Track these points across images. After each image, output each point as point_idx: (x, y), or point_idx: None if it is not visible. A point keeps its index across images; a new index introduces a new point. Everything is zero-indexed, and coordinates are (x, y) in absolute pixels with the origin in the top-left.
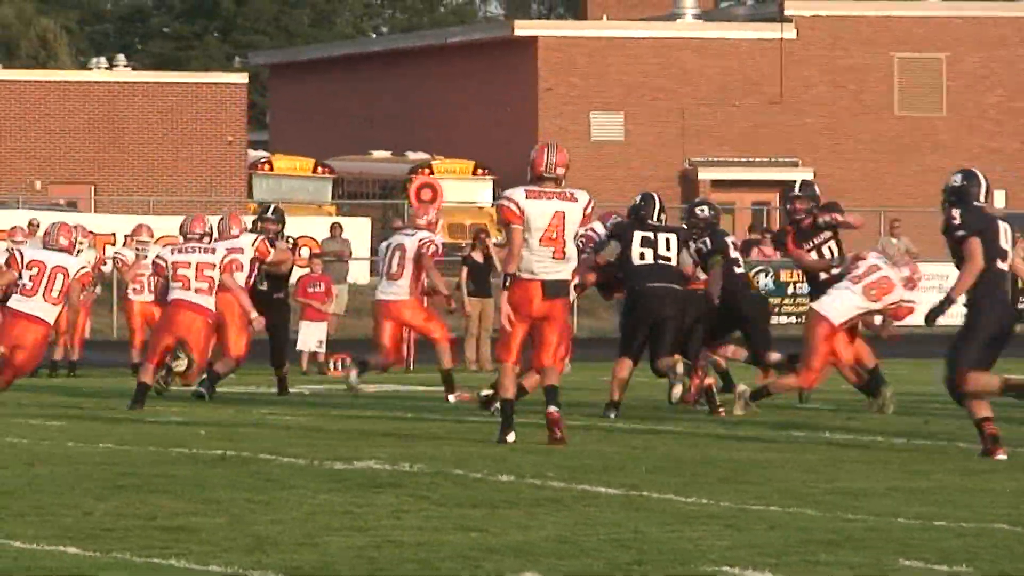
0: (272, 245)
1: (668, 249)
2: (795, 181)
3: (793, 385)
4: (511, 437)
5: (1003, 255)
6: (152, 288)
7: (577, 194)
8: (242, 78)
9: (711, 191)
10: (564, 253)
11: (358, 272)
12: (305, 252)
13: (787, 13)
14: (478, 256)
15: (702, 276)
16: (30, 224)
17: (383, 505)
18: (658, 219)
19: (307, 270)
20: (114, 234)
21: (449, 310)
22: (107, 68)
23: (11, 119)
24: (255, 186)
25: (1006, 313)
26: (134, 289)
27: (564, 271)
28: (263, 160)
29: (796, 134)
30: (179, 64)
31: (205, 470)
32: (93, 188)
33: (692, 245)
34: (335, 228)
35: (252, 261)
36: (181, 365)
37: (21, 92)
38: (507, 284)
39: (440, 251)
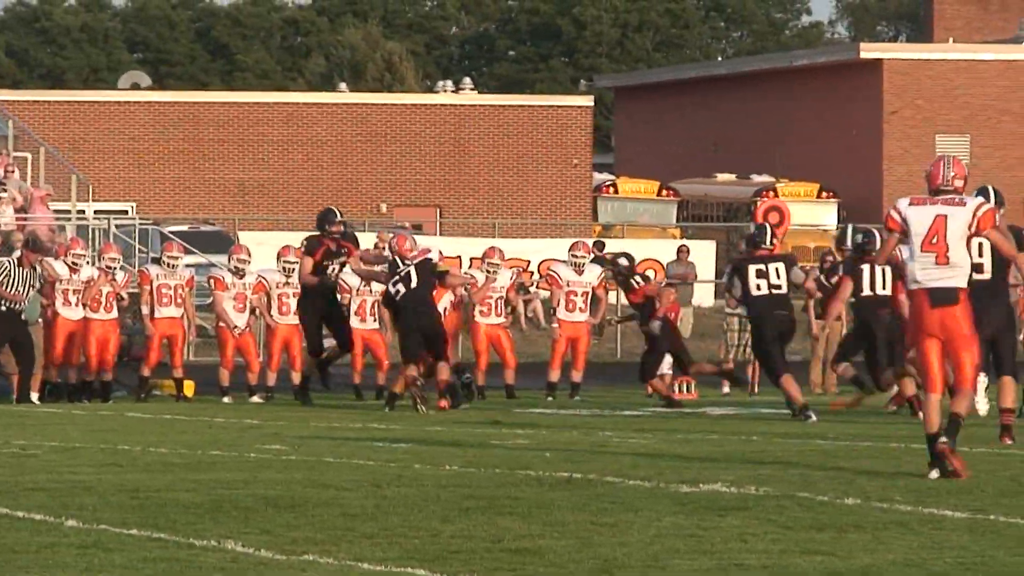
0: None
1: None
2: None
3: None
4: (934, 474)
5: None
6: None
7: (968, 200)
8: (587, 101)
9: None
10: (947, 259)
11: (702, 295)
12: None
13: None
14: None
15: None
16: (376, 246)
17: (729, 528)
18: None
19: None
20: (459, 256)
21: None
22: (453, 91)
23: (358, 142)
24: (600, 209)
25: None
26: (481, 311)
27: (950, 278)
28: (608, 183)
29: None
30: (524, 87)
31: (550, 492)
32: (438, 210)
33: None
34: (682, 251)
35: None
36: None
37: (367, 115)
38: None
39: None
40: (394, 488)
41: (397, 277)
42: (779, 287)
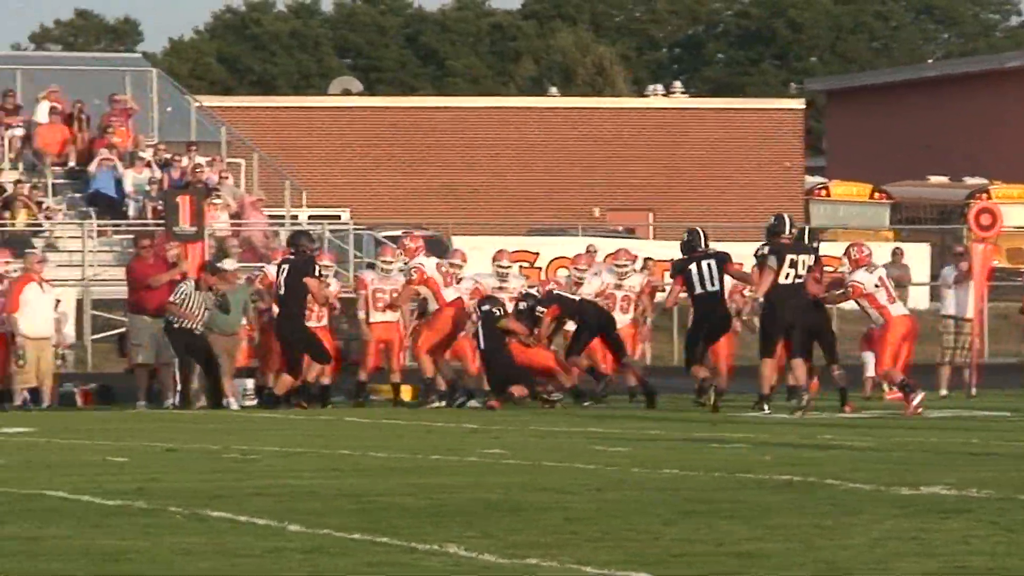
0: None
1: None
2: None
3: None
4: None
5: None
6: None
7: None
8: (799, 104)
9: None
10: None
11: (918, 297)
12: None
13: None
14: None
15: None
16: (588, 250)
17: (952, 531)
18: None
19: None
20: (671, 260)
21: None
22: (664, 95)
23: (569, 146)
24: (812, 212)
25: None
26: None
27: None
28: (820, 186)
29: None
30: (735, 90)
31: (771, 496)
32: (651, 214)
33: None
34: (897, 253)
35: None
36: None
37: (578, 119)
38: None
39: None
40: (615, 491)
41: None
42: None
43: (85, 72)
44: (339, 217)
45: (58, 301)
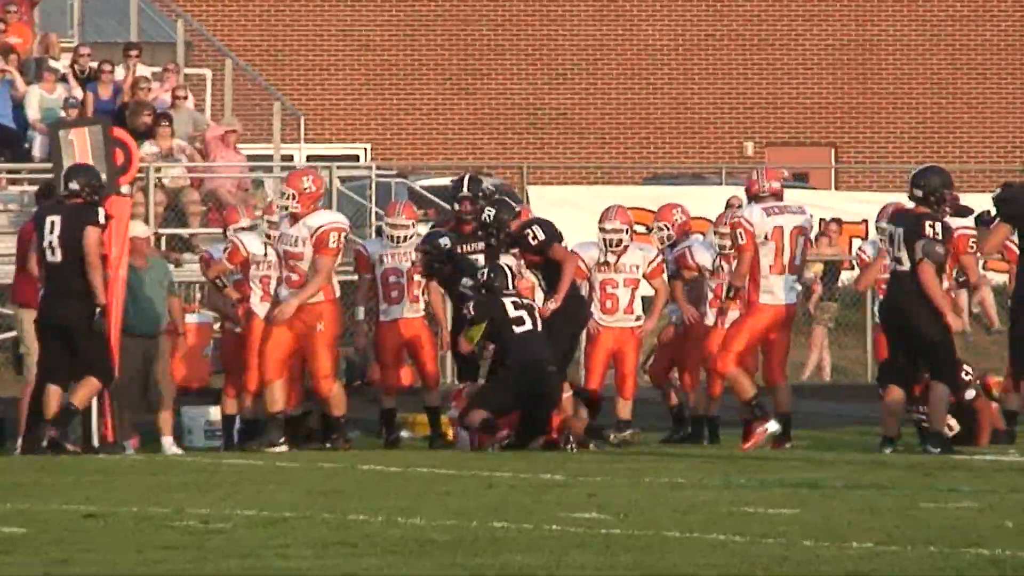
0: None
1: None
2: None
3: None
4: None
5: None
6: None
7: None
8: None
9: None
10: None
11: None
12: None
13: None
14: None
15: None
16: (728, 205)
17: None
18: None
19: None
20: (865, 221)
21: None
22: None
23: (706, 53)
24: None
25: None
26: None
27: None
28: None
29: None
30: None
31: None
32: (833, 151)
33: None
34: None
35: None
36: None
37: (720, 13)
38: None
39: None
40: (774, 573)
41: None
42: None
43: None
44: (356, 158)
45: None
